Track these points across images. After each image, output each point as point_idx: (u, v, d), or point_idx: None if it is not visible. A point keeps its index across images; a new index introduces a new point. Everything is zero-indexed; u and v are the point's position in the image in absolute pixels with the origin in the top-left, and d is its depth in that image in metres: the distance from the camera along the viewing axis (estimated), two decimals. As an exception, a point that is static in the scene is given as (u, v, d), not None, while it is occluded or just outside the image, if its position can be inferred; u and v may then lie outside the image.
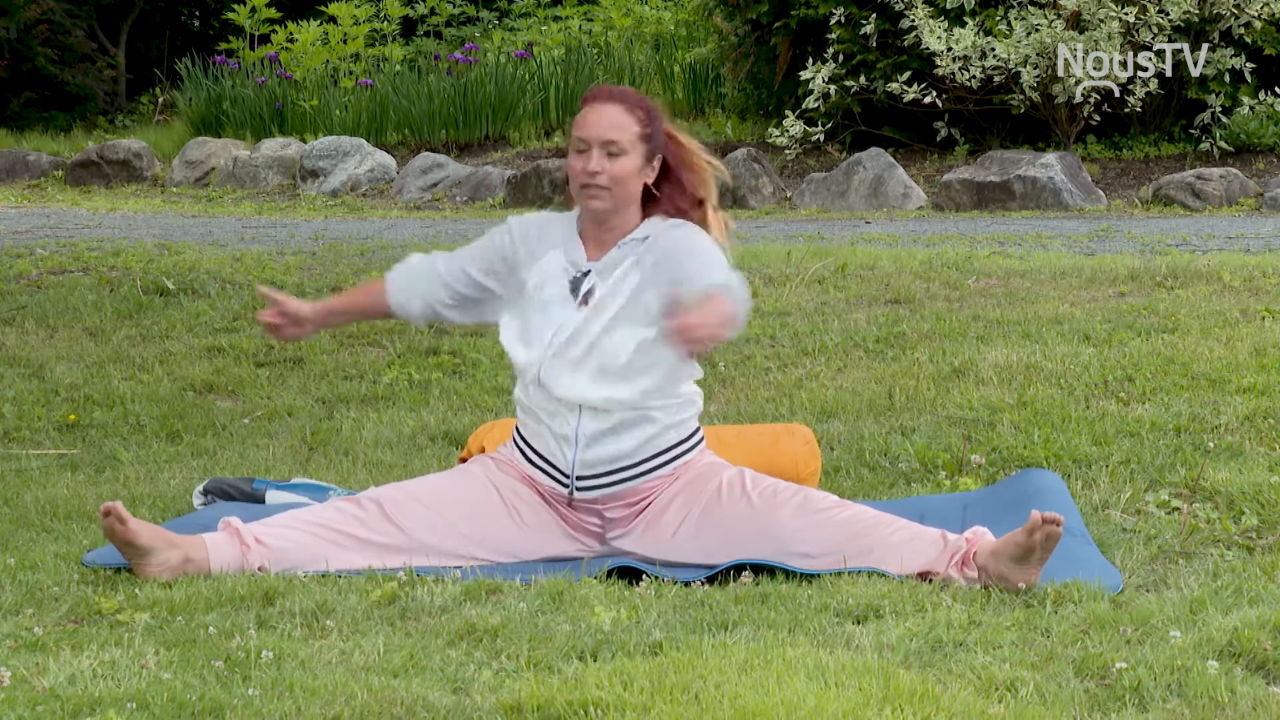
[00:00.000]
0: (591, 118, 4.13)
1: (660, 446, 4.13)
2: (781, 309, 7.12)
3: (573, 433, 4.10)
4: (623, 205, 4.16)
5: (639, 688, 3.04)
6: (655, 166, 4.18)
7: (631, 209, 4.18)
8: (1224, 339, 6.13)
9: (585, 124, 4.13)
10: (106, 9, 19.68)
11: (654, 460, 4.13)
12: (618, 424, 4.09)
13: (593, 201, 4.14)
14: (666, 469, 4.13)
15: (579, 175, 4.13)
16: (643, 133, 4.14)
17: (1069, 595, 3.65)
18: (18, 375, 6.48)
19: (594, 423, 4.09)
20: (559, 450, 4.12)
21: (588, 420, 4.09)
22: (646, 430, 4.11)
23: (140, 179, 14.20)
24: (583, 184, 4.13)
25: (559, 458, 4.12)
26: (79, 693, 3.09)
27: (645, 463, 4.12)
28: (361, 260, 8.84)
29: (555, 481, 4.13)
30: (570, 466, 4.11)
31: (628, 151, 4.12)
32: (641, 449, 4.12)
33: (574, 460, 4.10)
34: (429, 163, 13.17)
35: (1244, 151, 11.58)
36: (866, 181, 11.55)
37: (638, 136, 4.14)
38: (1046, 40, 11.19)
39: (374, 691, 3.08)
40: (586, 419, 4.09)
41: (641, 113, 4.16)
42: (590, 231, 4.20)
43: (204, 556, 3.95)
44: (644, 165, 4.15)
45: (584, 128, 4.13)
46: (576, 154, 4.14)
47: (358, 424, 5.71)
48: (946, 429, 5.26)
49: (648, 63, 14.88)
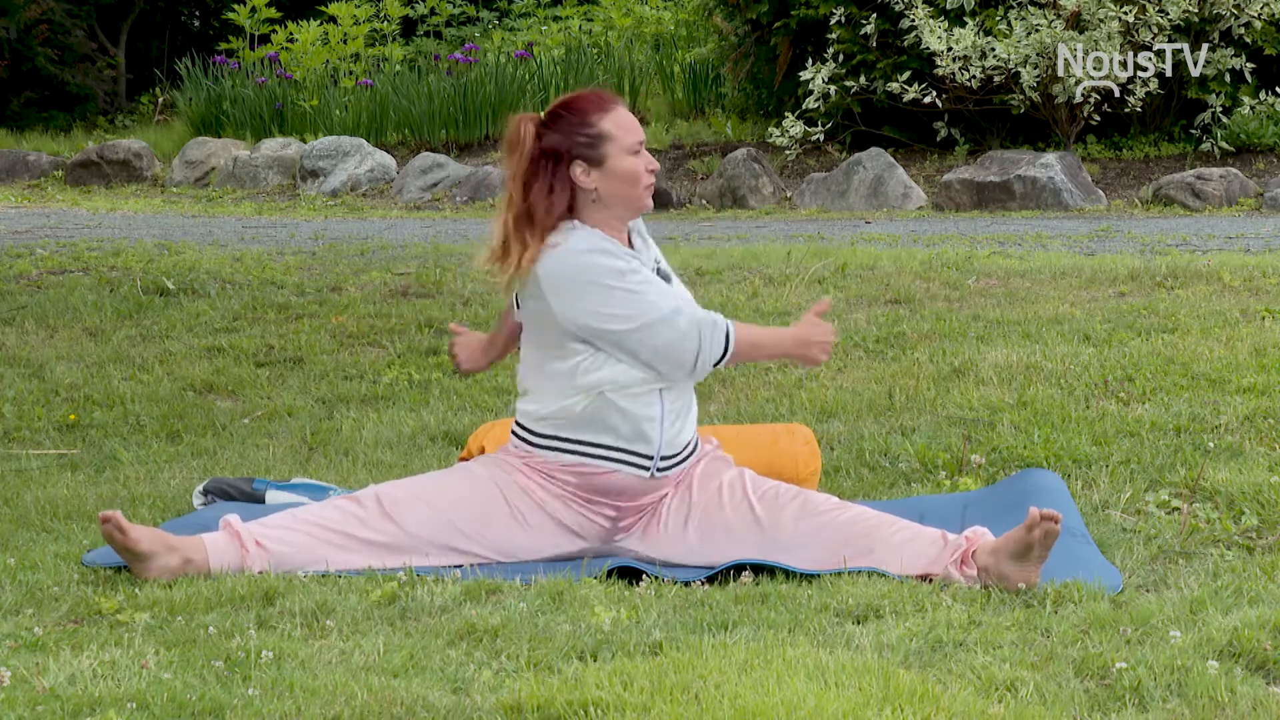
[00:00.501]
0: (632, 121, 4.12)
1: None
2: (781, 309, 7.12)
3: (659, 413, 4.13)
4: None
5: (639, 688, 3.04)
6: None
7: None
8: (1224, 339, 6.13)
9: (633, 128, 4.11)
10: (106, 9, 19.68)
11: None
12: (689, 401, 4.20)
13: (650, 198, 4.15)
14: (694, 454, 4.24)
15: (645, 176, 4.11)
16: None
17: (1069, 595, 3.65)
18: (18, 375, 6.48)
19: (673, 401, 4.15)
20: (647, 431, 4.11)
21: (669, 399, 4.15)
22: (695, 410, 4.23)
23: (140, 179, 14.20)
24: (648, 185, 4.12)
25: (641, 442, 4.12)
26: (79, 693, 3.09)
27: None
28: (361, 260, 8.84)
29: (637, 468, 4.14)
30: (658, 447, 4.12)
31: (640, 152, 4.17)
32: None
33: (660, 440, 4.12)
34: (429, 163, 13.17)
35: (1244, 151, 11.58)
36: (866, 181, 11.55)
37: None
38: (1046, 40, 11.19)
39: (374, 691, 3.08)
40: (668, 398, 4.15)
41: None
42: (619, 230, 4.19)
43: (203, 558, 3.95)
44: None
45: (636, 130, 4.11)
46: (633, 155, 4.08)
47: (358, 424, 5.71)
48: (946, 429, 5.26)
49: (648, 63, 14.88)
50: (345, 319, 7.18)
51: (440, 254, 8.90)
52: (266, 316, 7.33)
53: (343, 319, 7.18)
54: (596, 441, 4.10)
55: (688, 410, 4.17)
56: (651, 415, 4.08)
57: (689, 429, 4.19)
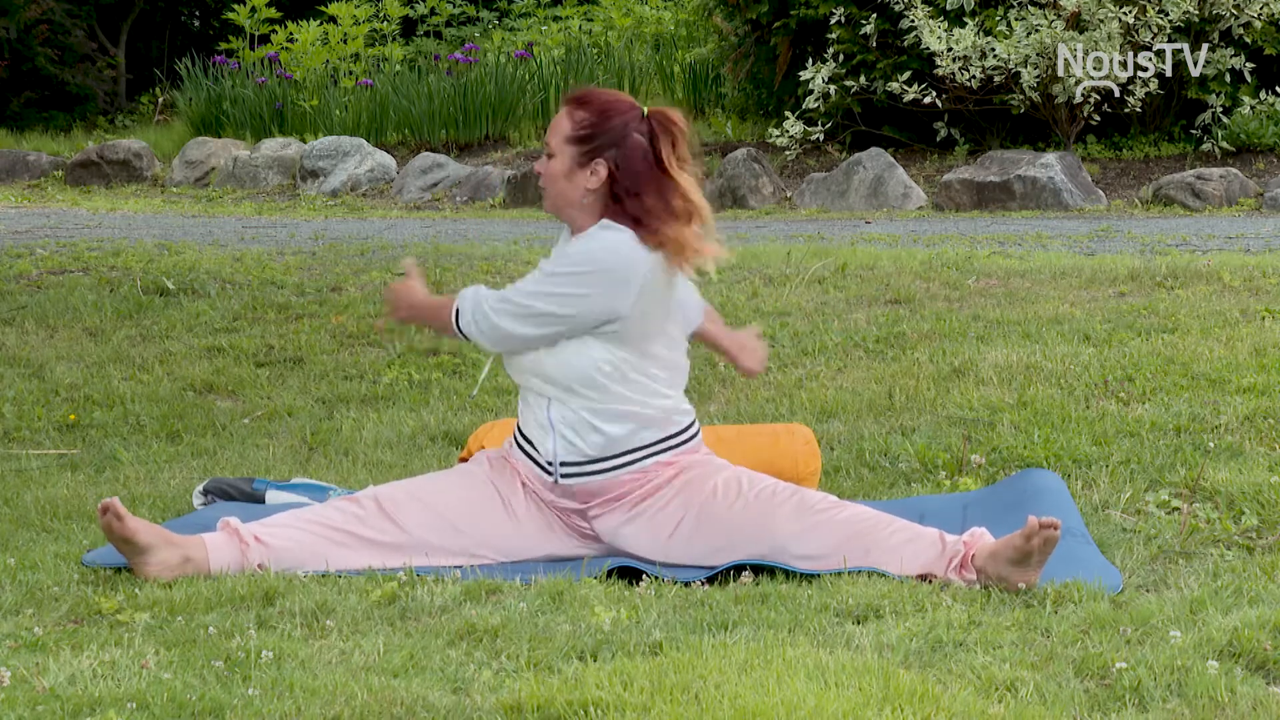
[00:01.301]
0: (554, 122, 4.18)
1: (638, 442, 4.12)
2: (781, 309, 7.12)
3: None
4: (558, 207, 4.15)
5: (639, 688, 3.04)
6: (598, 170, 4.10)
7: (574, 211, 4.13)
8: (1224, 339, 6.13)
9: (551, 128, 4.19)
10: (106, 9, 19.69)
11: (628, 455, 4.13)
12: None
13: (543, 200, 4.24)
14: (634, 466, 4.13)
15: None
16: (573, 135, 4.09)
17: (1069, 595, 3.65)
18: (18, 375, 6.48)
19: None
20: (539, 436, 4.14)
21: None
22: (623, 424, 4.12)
23: (140, 179, 14.20)
24: (541, 185, 4.22)
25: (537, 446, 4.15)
26: (79, 693, 3.09)
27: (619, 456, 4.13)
28: (361, 260, 8.84)
29: (539, 468, 4.15)
30: (552, 454, 4.11)
31: (555, 154, 4.12)
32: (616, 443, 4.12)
33: (554, 448, 4.10)
34: (429, 163, 13.17)
35: (1244, 151, 11.58)
36: (866, 181, 11.55)
37: (565, 139, 4.09)
38: (1046, 40, 11.19)
39: (374, 691, 3.08)
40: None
41: (585, 114, 4.11)
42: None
43: (203, 557, 3.95)
44: (572, 168, 4.10)
45: (550, 132, 4.20)
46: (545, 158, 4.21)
47: (358, 424, 5.71)
48: (946, 429, 5.26)
49: (648, 63, 14.89)
50: (345, 319, 7.18)
51: (440, 254, 8.90)
52: (266, 316, 7.33)
53: (343, 319, 7.18)
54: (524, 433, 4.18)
55: (587, 426, 4.10)
56: (541, 421, 4.13)
57: (590, 440, 4.11)
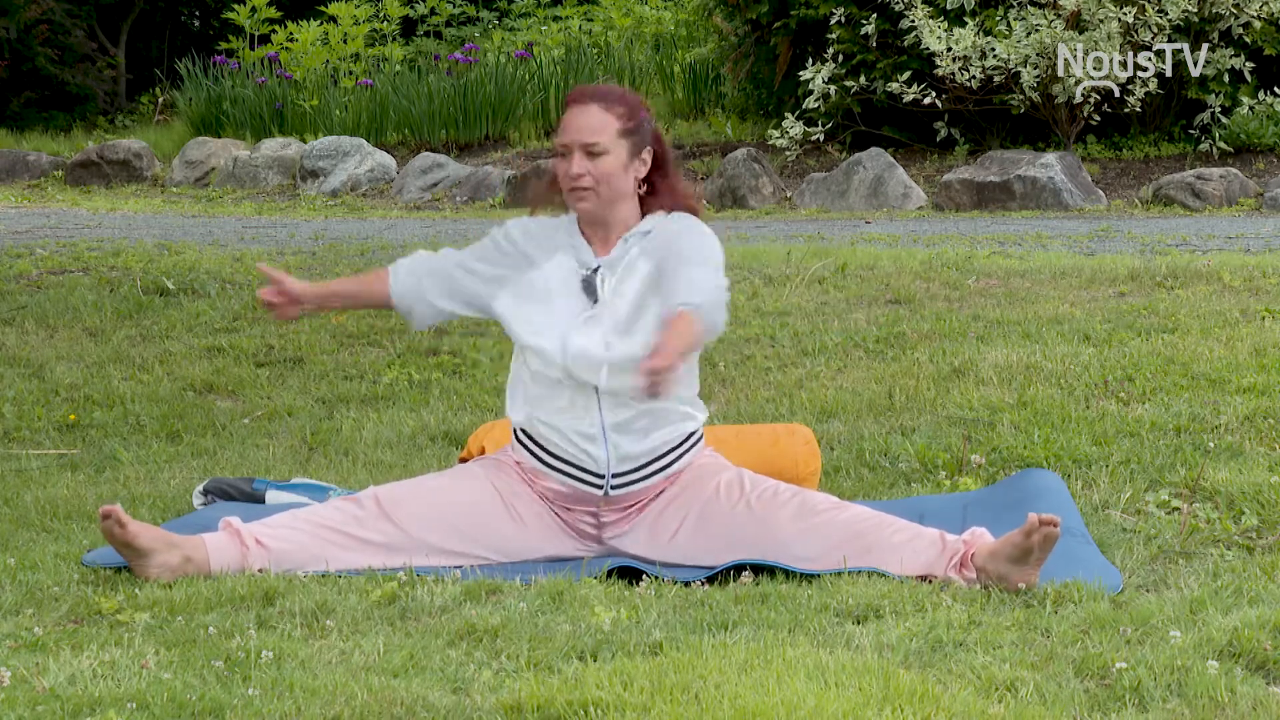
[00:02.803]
0: (570, 121, 4.12)
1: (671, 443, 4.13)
2: (781, 309, 7.12)
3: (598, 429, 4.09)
4: (611, 203, 4.12)
5: (639, 688, 3.04)
6: (646, 160, 4.15)
7: (626, 205, 4.15)
8: (1224, 339, 6.13)
9: (565, 128, 4.12)
10: (106, 9, 19.68)
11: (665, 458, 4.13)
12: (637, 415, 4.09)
13: (580, 204, 4.13)
14: (672, 468, 4.14)
15: (564, 180, 4.12)
16: (624, 128, 4.10)
17: (1069, 595, 3.65)
18: (18, 375, 6.48)
19: (614, 414, 4.08)
20: (586, 449, 4.10)
21: (608, 412, 4.08)
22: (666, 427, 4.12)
23: (140, 179, 14.20)
24: (569, 188, 4.12)
25: (585, 458, 4.10)
26: (79, 693, 3.09)
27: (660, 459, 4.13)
28: (361, 260, 8.85)
29: (586, 484, 4.12)
30: (606, 464, 4.09)
31: (609, 150, 4.09)
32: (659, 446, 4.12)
33: (607, 457, 4.09)
34: (429, 163, 13.17)
35: (1244, 151, 11.58)
36: (866, 181, 11.55)
37: (618, 133, 4.10)
38: (1046, 40, 11.19)
39: (374, 691, 3.08)
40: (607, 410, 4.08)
41: (622, 108, 4.12)
42: (593, 231, 4.19)
43: (204, 557, 3.95)
44: (630, 160, 4.12)
45: (564, 133, 4.12)
46: (560, 159, 4.13)
47: (358, 424, 5.71)
48: (946, 429, 5.26)
49: (648, 63, 14.88)
50: (345, 319, 7.18)
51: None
52: (266, 316, 7.33)
53: (343, 319, 7.18)
54: (547, 449, 4.13)
55: (645, 427, 4.11)
56: (586, 430, 4.11)
57: (644, 444, 4.13)
